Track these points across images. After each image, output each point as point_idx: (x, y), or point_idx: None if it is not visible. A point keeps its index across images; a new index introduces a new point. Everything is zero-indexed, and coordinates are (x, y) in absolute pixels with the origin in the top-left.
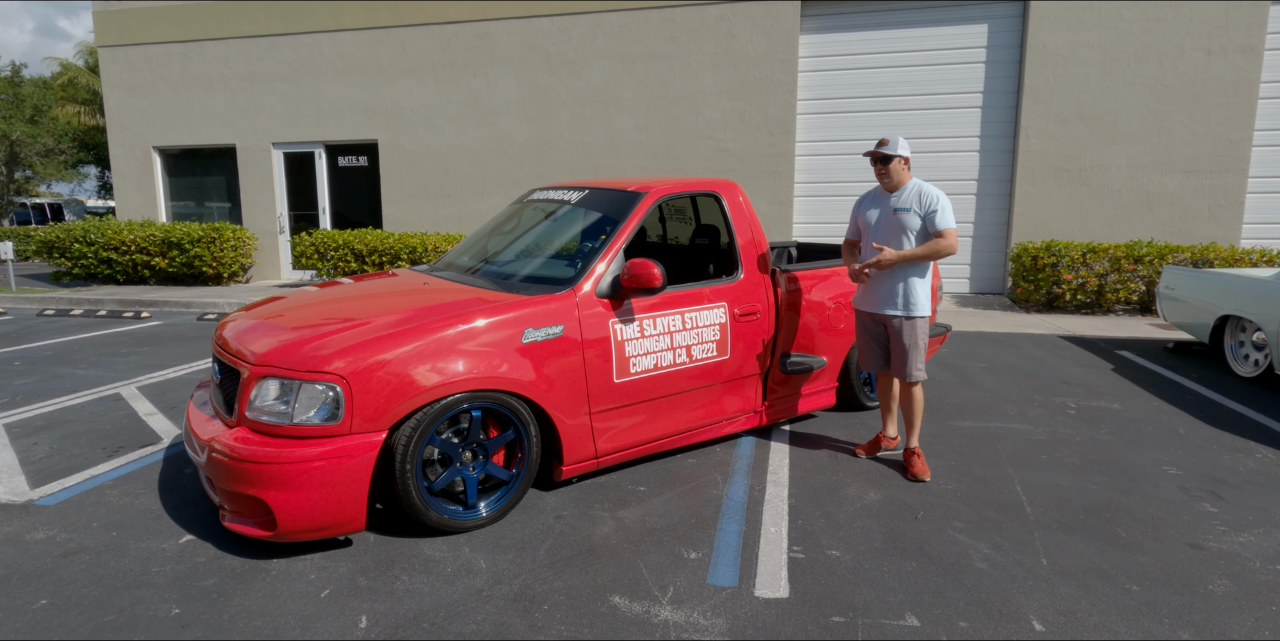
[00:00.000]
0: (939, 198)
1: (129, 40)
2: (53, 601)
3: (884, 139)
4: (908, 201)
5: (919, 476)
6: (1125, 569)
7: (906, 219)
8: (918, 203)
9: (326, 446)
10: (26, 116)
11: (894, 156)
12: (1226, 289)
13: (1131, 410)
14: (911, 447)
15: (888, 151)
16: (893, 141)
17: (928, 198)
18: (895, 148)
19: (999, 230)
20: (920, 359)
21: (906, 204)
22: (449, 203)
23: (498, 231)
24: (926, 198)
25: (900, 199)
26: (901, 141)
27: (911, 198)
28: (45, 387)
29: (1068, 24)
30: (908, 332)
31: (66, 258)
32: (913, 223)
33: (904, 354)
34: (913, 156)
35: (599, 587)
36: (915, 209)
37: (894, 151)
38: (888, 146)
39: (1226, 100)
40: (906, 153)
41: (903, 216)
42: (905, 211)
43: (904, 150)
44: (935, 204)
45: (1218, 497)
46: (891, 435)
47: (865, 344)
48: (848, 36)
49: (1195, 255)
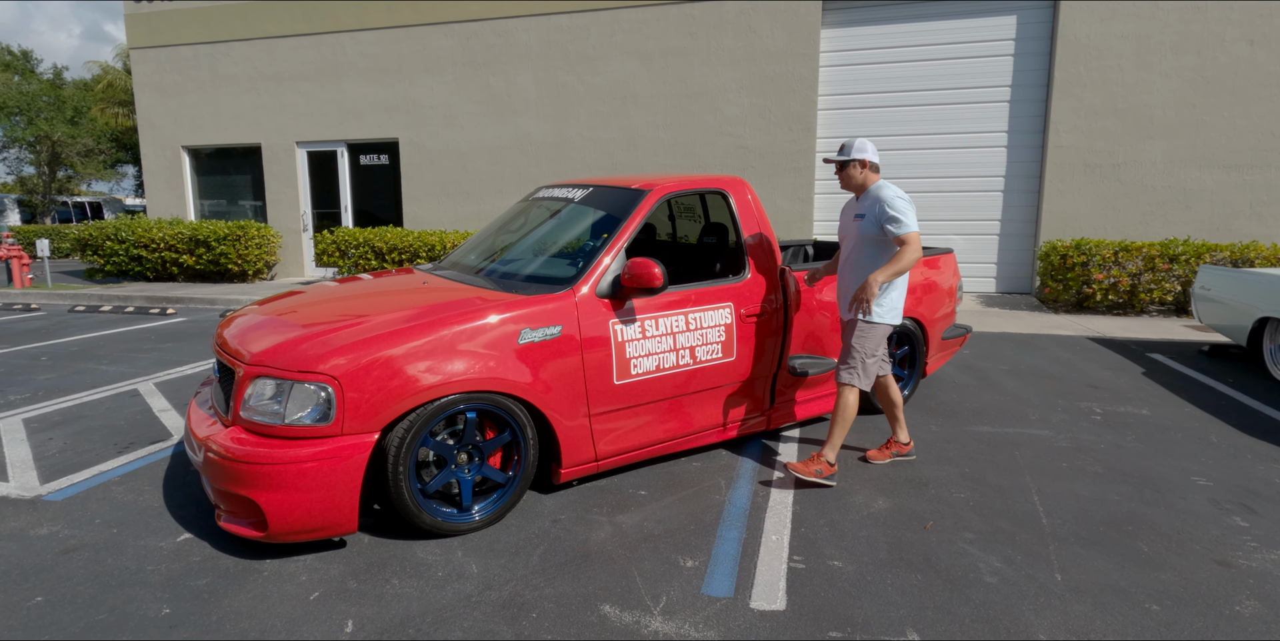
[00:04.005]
0: (892, 202)
1: (159, 42)
2: (48, 598)
3: (843, 143)
4: (865, 208)
5: (787, 466)
6: (1145, 586)
7: (864, 227)
8: (872, 209)
9: (318, 447)
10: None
11: (848, 161)
12: (1266, 289)
13: (1161, 416)
14: (820, 453)
15: (841, 157)
16: (849, 145)
17: (881, 204)
18: (850, 151)
19: (1027, 228)
20: (857, 363)
21: (864, 210)
22: (468, 200)
23: (503, 230)
24: (880, 204)
25: (861, 205)
26: (859, 144)
27: (868, 204)
28: (67, 383)
29: (1100, 14)
30: (855, 333)
31: (99, 255)
32: (869, 230)
33: (843, 350)
34: (938, 152)
35: (590, 595)
36: (870, 216)
37: (848, 156)
38: (842, 151)
39: (1270, 92)
40: (865, 156)
41: (860, 224)
42: (862, 218)
43: (861, 153)
44: (887, 209)
45: (1250, 511)
46: (903, 440)
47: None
48: (870, 30)
49: (1235, 254)
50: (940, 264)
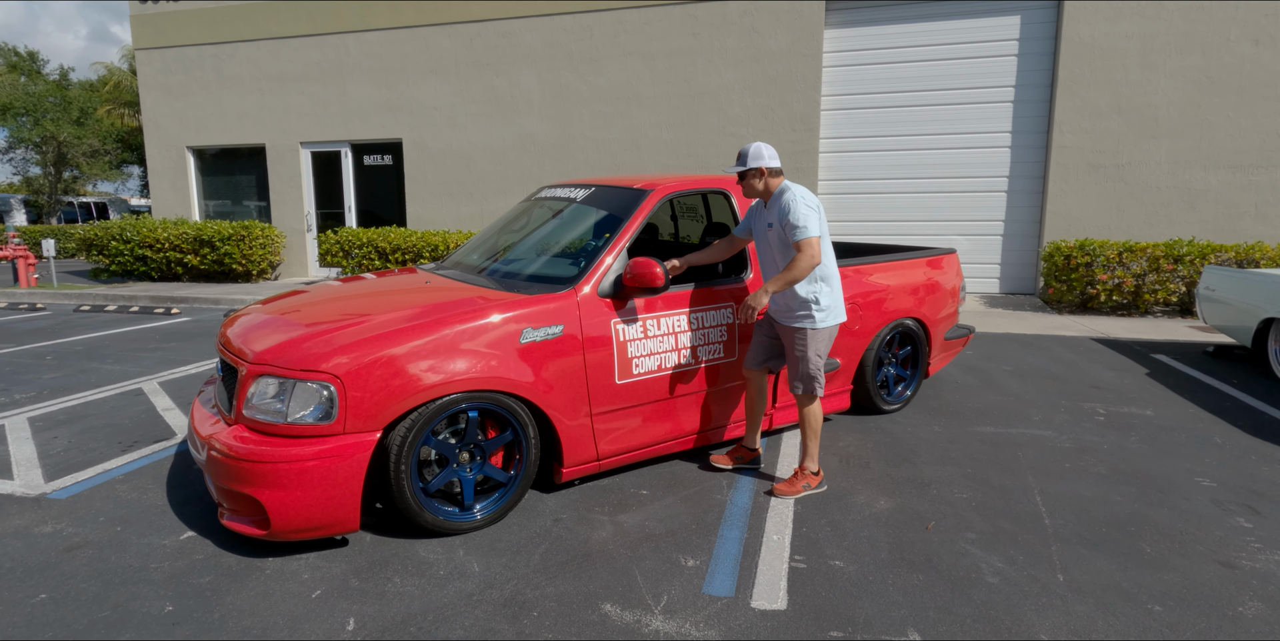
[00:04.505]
0: (794, 207)
1: (164, 43)
2: (52, 596)
3: (739, 151)
4: (774, 216)
5: (774, 490)
6: (1148, 587)
7: (772, 235)
8: (779, 213)
9: (320, 446)
10: (73, 118)
11: (747, 170)
12: (1272, 290)
13: (1165, 417)
14: (801, 467)
15: (738, 167)
16: (745, 152)
17: (784, 209)
18: (747, 160)
19: (1030, 228)
20: (810, 372)
21: (772, 219)
22: (472, 201)
23: (506, 229)
24: (783, 209)
25: (770, 213)
26: (755, 150)
27: (776, 211)
28: (72, 382)
29: (1105, 14)
30: (798, 342)
31: (104, 255)
32: (778, 237)
33: (792, 364)
34: (942, 152)
35: (591, 594)
36: (778, 224)
37: (745, 165)
38: (740, 160)
39: (1275, 91)
40: (763, 163)
41: (772, 233)
42: (770, 227)
43: (758, 161)
44: (788, 216)
45: (1254, 512)
46: (750, 446)
47: (755, 338)
48: (874, 30)
49: (1240, 255)
50: (943, 264)
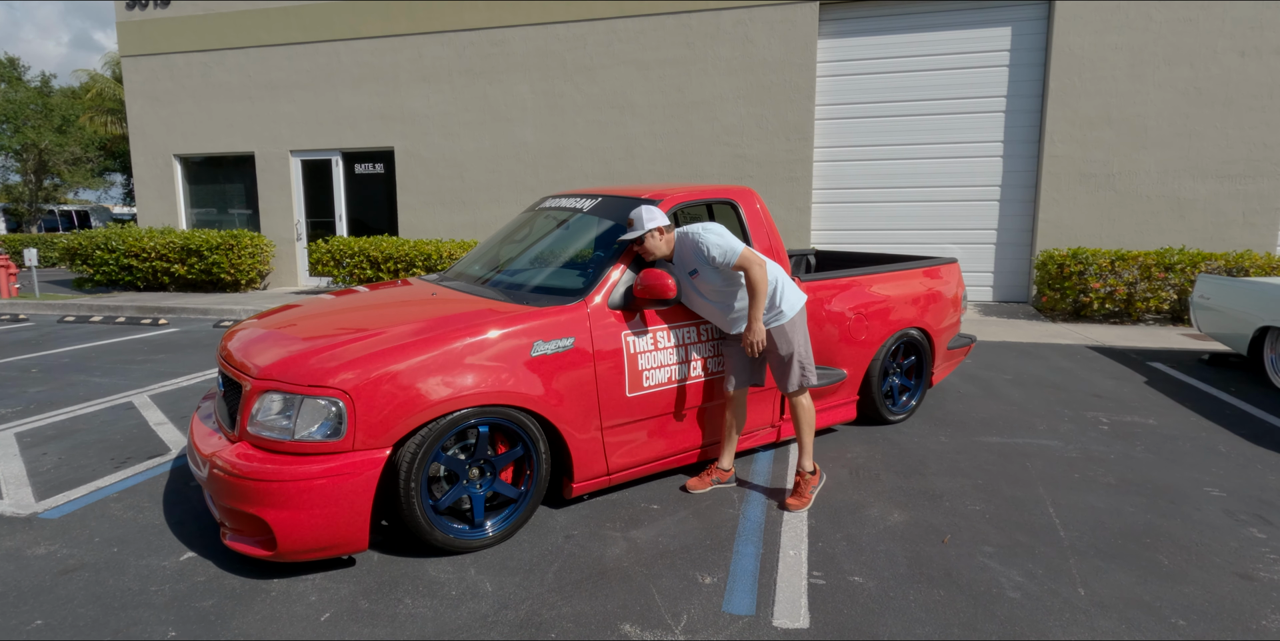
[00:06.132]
0: (703, 240)
1: (151, 50)
2: (48, 621)
3: (629, 218)
4: (691, 262)
5: (787, 506)
6: (1170, 600)
7: (705, 277)
8: (697, 259)
9: (328, 463)
10: (55, 126)
11: (644, 234)
12: (1266, 298)
13: (1167, 426)
14: (801, 470)
15: (635, 233)
16: (636, 218)
17: (696, 250)
18: (643, 224)
19: (1023, 237)
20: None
21: (692, 266)
22: (464, 209)
23: (509, 240)
24: (696, 250)
25: (684, 262)
26: (641, 215)
27: (689, 257)
28: (59, 395)
29: (1094, 26)
30: (779, 341)
31: (89, 264)
32: (712, 278)
33: (780, 363)
34: (934, 162)
35: (609, 614)
36: (701, 266)
37: (643, 229)
38: (633, 227)
39: (1262, 102)
40: (656, 223)
41: (698, 279)
42: (695, 273)
43: (652, 222)
44: (705, 251)
45: (1266, 522)
46: (724, 467)
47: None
48: (867, 40)
49: (1229, 263)
50: (944, 274)
